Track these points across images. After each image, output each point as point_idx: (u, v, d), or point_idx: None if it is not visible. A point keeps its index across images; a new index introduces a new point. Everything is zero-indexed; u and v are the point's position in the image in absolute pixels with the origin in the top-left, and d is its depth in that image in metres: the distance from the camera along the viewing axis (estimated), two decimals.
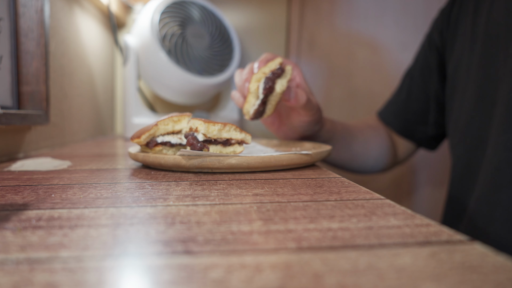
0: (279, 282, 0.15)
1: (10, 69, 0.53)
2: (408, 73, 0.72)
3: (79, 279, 0.15)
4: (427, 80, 0.67)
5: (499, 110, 0.51)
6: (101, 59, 0.94)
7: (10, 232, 0.20)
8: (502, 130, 0.50)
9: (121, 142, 0.79)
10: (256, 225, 0.21)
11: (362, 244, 0.18)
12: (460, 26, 0.60)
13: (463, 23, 0.59)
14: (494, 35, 0.53)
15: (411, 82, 0.70)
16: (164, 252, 0.17)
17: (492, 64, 0.52)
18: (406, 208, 0.24)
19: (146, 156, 0.39)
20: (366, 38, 1.03)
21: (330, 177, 0.35)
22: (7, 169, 0.40)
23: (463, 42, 0.59)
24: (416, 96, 0.69)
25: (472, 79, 0.55)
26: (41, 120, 0.55)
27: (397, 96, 0.72)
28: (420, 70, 0.69)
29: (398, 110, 0.72)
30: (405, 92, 0.70)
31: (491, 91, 0.53)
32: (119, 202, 0.26)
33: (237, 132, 0.39)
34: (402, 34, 1.03)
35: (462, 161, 0.58)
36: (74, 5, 0.74)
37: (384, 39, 1.03)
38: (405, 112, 0.71)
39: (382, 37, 1.03)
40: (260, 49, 1.05)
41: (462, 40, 0.59)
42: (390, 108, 0.73)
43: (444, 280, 0.15)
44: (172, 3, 0.80)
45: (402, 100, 0.71)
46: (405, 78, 0.72)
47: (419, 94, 0.69)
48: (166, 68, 0.77)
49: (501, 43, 0.51)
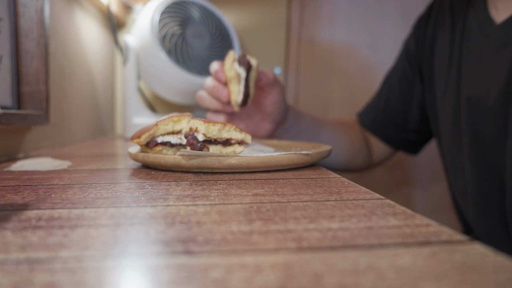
0: (279, 282, 0.15)
1: (10, 69, 0.53)
2: (387, 80, 0.71)
3: (79, 279, 0.15)
4: (405, 92, 0.67)
5: (466, 140, 0.51)
6: (101, 59, 0.94)
7: (10, 232, 0.20)
8: (469, 163, 0.51)
9: (121, 142, 0.79)
10: (256, 225, 0.21)
11: (362, 244, 0.18)
12: (437, 41, 0.60)
13: (441, 39, 0.59)
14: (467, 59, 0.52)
15: (390, 91, 0.69)
16: (164, 252, 0.17)
17: (464, 90, 0.52)
18: (406, 208, 0.24)
19: (146, 156, 0.39)
20: (366, 38, 1.03)
21: (330, 177, 0.35)
22: (7, 169, 0.40)
23: (440, 60, 0.58)
24: (394, 106, 0.68)
25: (449, 103, 0.55)
26: (41, 120, 0.55)
27: (376, 102, 0.71)
28: (398, 80, 0.68)
29: (376, 116, 0.71)
30: (383, 100, 0.70)
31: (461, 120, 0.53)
32: (119, 202, 0.26)
33: (237, 132, 0.39)
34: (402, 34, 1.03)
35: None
36: (74, 5, 0.74)
37: (384, 39, 1.03)
38: (383, 120, 0.70)
39: (382, 37, 1.03)
40: (260, 49, 1.05)
41: (440, 57, 0.58)
42: (369, 113, 0.72)
43: (444, 280, 0.15)
44: (172, 3, 0.80)
45: (380, 108, 0.70)
46: (384, 84, 0.71)
47: (396, 104, 0.68)
48: (166, 68, 0.77)
49: (473, 66, 0.51)
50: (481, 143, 0.49)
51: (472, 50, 0.52)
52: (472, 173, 0.51)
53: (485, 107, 0.48)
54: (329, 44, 1.04)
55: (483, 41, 0.50)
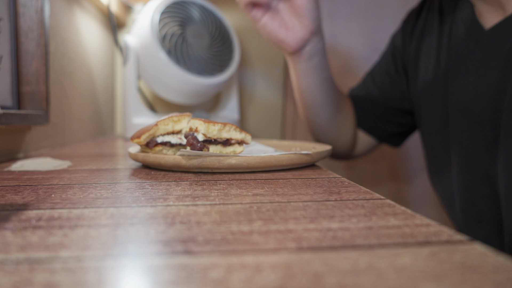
0: (279, 282, 0.15)
1: (10, 69, 0.53)
2: (371, 73, 0.69)
3: (79, 279, 0.15)
4: (387, 87, 0.66)
5: (454, 148, 0.51)
6: (101, 59, 0.94)
7: (10, 232, 0.20)
8: (457, 171, 0.50)
9: (121, 142, 0.79)
10: (256, 225, 0.21)
11: (362, 244, 0.18)
12: (424, 43, 0.59)
13: (428, 41, 0.58)
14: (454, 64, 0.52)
15: (372, 85, 0.68)
16: (164, 252, 0.17)
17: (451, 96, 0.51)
18: (406, 208, 0.24)
19: (146, 156, 0.39)
20: (366, 38, 1.03)
21: (330, 177, 0.35)
22: (7, 169, 0.40)
23: (426, 63, 0.57)
24: (375, 99, 0.67)
25: (436, 108, 0.55)
26: (41, 120, 0.55)
27: (358, 90, 0.69)
28: (381, 75, 0.67)
29: (358, 104, 0.68)
30: (365, 90, 0.68)
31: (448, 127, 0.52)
32: (119, 202, 0.26)
33: (237, 132, 0.39)
34: None
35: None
36: (74, 5, 0.74)
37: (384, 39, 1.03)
38: (365, 109, 0.68)
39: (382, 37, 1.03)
40: (260, 49, 1.05)
41: (426, 60, 0.57)
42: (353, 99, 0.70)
43: (444, 280, 0.15)
44: (172, 3, 0.80)
45: (362, 98, 0.68)
46: (368, 76, 0.69)
47: (378, 98, 0.66)
48: (166, 68, 0.77)
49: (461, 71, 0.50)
50: (470, 150, 0.48)
51: (460, 55, 0.50)
52: (461, 182, 0.50)
53: (472, 114, 0.47)
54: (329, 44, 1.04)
55: (471, 46, 0.49)
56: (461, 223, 0.52)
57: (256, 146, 0.51)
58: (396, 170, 1.06)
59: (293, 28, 0.55)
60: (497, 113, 0.44)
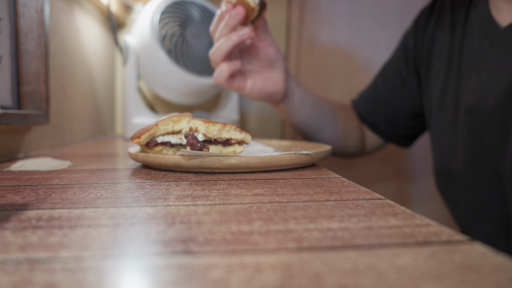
0: (279, 282, 0.15)
1: (10, 69, 0.53)
2: (382, 72, 0.69)
3: (79, 279, 0.15)
4: (399, 88, 0.66)
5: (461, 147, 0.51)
6: (101, 59, 0.94)
7: (10, 232, 0.20)
8: (464, 169, 0.50)
9: (121, 142, 0.79)
10: (256, 225, 0.21)
11: (362, 244, 0.18)
12: (436, 42, 0.59)
13: (440, 40, 0.58)
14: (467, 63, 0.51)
15: (383, 85, 0.68)
16: (164, 252, 0.17)
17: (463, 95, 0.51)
18: (406, 208, 0.24)
19: (146, 156, 0.39)
20: (366, 38, 1.03)
21: (330, 177, 0.35)
22: (7, 169, 0.40)
23: (439, 62, 0.57)
24: (386, 100, 0.67)
25: (447, 107, 0.55)
26: (41, 120, 0.55)
27: (369, 94, 0.70)
28: (393, 76, 0.67)
29: (368, 107, 0.69)
30: (377, 93, 0.68)
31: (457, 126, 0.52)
32: (119, 202, 0.26)
33: (237, 132, 0.39)
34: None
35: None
36: (74, 5, 0.74)
37: (384, 39, 1.03)
38: (375, 113, 0.68)
39: (382, 37, 1.03)
40: None
41: (438, 59, 0.57)
42: (362, 102, 0.70)
43: (444, 280, 0.15)
44: (172, 3, 0.80)
45: (373, 101, 0.68)
46: (379, 76, 0.69)
47: (389, 99, 0.67)
48: (166, 68, 0.77)
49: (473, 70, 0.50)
50: (478, 149, 0.48)
51: (473, 53, 0.50)
52: (467, 180, 0.50)
53: (483, 112, 0.47)
54: (329, 45, 1.04)
55: (486, 44, 0.49)
56: (465, 222, 0.52)
57: (256, 146, 0.51)
58: (401, 168, 1.05)
59: (274, 76, 0.57)
60: (507, 111, 0.44)
